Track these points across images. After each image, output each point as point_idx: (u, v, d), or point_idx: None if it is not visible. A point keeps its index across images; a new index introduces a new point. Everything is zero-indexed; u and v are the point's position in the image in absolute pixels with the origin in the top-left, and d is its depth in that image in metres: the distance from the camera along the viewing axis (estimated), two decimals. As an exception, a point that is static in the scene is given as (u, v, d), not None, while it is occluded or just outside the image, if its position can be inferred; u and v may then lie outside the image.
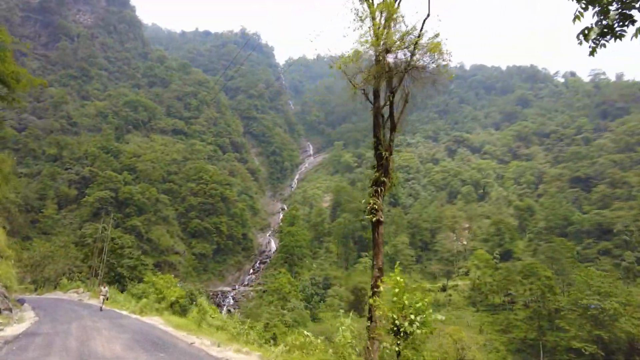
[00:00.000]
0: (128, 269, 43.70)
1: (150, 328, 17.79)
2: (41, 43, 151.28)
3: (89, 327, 16.52)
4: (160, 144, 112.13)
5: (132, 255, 47.91)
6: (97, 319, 19.14)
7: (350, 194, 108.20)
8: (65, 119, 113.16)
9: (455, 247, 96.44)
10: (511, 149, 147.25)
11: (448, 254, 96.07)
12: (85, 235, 50.03)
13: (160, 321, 20.03)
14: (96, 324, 17.44)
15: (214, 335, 15.47)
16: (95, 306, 22.76)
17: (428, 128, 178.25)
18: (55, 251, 31.09)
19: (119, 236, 49.79)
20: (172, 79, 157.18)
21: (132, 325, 18.18)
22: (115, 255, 43.39)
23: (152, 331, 16.79)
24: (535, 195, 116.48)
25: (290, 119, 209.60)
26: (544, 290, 59.84)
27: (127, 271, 43.42)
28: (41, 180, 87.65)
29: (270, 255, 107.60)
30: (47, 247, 32.13)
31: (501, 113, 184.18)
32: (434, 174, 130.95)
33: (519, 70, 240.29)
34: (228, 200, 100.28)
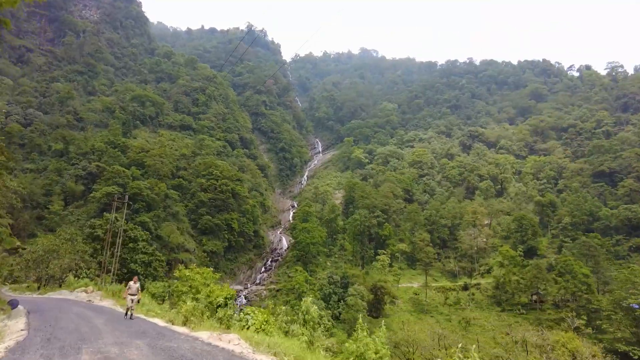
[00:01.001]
0: (142, 265, 40.36)
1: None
2: (47, 39, 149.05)
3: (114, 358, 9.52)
4: (169, 139, 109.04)
5: (146, 249, 44.59)
6: (125, 337, 12.04)
7: (364, 190, 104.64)
8: (71, 114, 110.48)
9: (475, 244, 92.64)
10: (528, 143, 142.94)
11: (469, 252, 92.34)
12: (95, 227, 45.64)
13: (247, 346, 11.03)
14: (126, 351, 10.11)
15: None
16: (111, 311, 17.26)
17: (440, 123, 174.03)
18: (60, 245, 27.55)
19: (132, 228, 46.19)
20: (179, 75, 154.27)
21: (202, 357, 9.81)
22: (127, 250, 40.14)
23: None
24: (555, 191, 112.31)
25: (299, 115, 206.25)
26: (580, 288, 55.99)
27: (141, 267, 40.09)
28: (47, 175, 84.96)
29: (282, 253, 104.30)
30: (51, 240, 28.78)
31: (515, 108, 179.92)
32: (449, 170, 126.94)
33: (531, 65, 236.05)
34: (239, 197, 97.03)
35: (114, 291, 20.01)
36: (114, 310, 17.03)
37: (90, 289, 20.94)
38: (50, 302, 18.93)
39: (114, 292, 19.80)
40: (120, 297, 17.88)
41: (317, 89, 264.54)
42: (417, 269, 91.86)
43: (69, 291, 22.39)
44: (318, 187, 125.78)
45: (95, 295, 20.57)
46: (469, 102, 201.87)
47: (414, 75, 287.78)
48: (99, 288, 21.80)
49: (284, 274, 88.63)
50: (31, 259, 26.75)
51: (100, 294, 20.25)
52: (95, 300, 19.38)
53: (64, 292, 22.30)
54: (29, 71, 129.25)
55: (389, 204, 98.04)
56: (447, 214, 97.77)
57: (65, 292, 22.04)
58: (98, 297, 19.55)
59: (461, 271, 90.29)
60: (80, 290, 21.84)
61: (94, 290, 21.07)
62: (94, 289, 21.49)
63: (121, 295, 17.66)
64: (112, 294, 19.79)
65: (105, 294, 20.17)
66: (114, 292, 20.06)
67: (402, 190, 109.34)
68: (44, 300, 19.50)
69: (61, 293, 22.91)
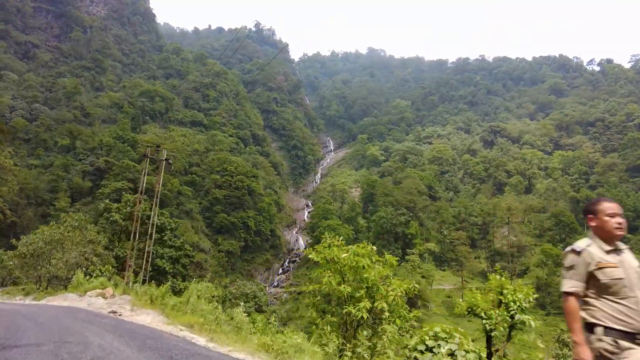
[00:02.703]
0: (169, 261, 34.74)
1: None
2: (53, 35, 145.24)
3: None
4: (180, 135, 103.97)
5: (174, 242, 38.89)
6: None
7: (386, 187, 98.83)
8: (78, 109, 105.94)
9: (508, 242, 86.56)
10: (552, 138, 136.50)
11: (503, 251, 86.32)
12: (111, 210, 37.05)
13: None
14: None
15: None
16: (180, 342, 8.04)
17: (458, 119, 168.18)
18: (65, 234, 21.53)
19: (159, 213, 40.30)
20: (188, 70, 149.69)
21: None
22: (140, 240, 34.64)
23: None
24: (587, 187, 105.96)
25: (310, 113, 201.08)
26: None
27: (169, 264, 34.46)
28: (53, 171, 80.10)
29: (300, 253, 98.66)
30: (55, 229, 22.13)
31: (534, 103, 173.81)
32: (473, 165, 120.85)
33: (547, 60, 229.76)
34: (255, 194, 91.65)
35: (154, 296, 12.74)
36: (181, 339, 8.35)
37: (110, 292, 14.76)
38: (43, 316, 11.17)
39: (153, 298, 12.69)
40: (169, 306, 11.31)
41: (327, 87, 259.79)
42: (447, 270, 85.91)
43: (78, 295, 16.35)
44: (335, 185, 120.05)
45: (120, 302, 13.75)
46: (485, 98, 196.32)
47: (424, 73, 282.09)
48: (124, 290, 15.56)
49: (303, 275, 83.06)
50: (28, 253, 20.70)
51: (128, 301, 13.47)
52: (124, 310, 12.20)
53: (70, 297, 16.53)
54: (34, 67, 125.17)
55: (414, 201, 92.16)
56: (478, 211, 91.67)
57: (72, 297, 16.43)
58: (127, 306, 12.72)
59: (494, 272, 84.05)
60: (94, 294, 15.59)
61: (115, 293, 15.11)
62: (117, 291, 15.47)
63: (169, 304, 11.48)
64: (151, 300, 12.69)
65: (138, 300, 13.21)
66: (153, 297, 12.73)
67: (425, 187, 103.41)
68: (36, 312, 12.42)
69: (66, 297, 16.76)
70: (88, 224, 24.99)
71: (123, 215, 36.65)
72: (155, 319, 10.88)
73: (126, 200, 38.61)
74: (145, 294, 12.98)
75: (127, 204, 37.75)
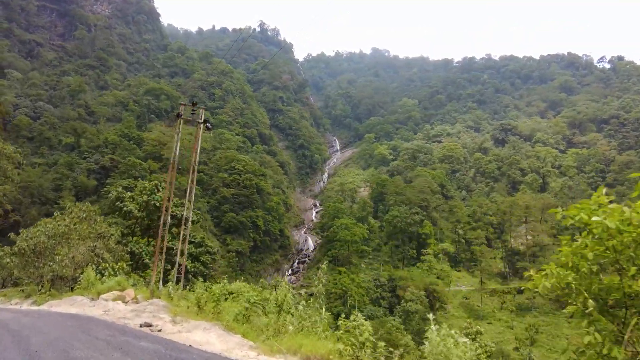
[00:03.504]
0: (189, 259, 32.16)
1: None
2: (57, 33, 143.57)
3: None
4: (187, 133, 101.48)
5: (194, 237, 36.29)
6: None
7: (398, 185, 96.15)
8: (82, 107, 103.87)
9: (526, 242, 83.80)
10: (565, 136, 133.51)
11: (518, 250, 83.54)
12: (124, 199, 32.40)
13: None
14: None
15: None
16: None
17: (467, 118, 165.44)
18: (71, 227, 18.68)
19: (177, 203, 34.27)
20: (194, 69, 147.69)
21: None
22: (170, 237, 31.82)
23: None
24: (604, 185, 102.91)
25: (316, 112, 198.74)
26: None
27: (189, 261, 31.88)
28: (57, 170, 77.97)
29: (309, 254, 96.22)
30: (59, 220, 19.29)
31: (544, 101, 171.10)
32: (485, 164, 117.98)
33: (556, 58, 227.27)
34: (263, 193, 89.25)
35: (202, 300, 9.50)
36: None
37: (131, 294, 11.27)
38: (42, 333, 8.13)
39: (202, 304, 9.50)
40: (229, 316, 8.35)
41: (332, 87, 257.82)
42: (462, 271, 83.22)
43: (90, 298, 13.17)
44: (344, 184, 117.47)
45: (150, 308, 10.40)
46: (494, 96, 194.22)
47: (430, 72, 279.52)
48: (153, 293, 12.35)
49: (314, 276, 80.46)
50: (28, 248, 17.76)
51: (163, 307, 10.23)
52: (162, 322, 9.09)
53: (79, 301, 13.12)
54: (39, 65, 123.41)
55: (427, 200, 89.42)
56: (495, 209, 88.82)
57: (81, 301, 13.02)
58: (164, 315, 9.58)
59: (511, 272, 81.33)
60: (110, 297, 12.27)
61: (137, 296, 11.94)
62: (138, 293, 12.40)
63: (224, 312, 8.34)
64: (199, 306, 9.52)
65: (176, 306, 10.01)
66: (201, 302, 9.51)
67: (438, 185, 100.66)
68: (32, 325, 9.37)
69: (74, 301, 13.29)
70: (97, 215, 22.00)
71: (138, 205, 32.72)
72: (224, 338, 7.58)
73: (142, 188, 34.66)
74: (184, 297, 10.11)
75: (144, 192, 33.88)
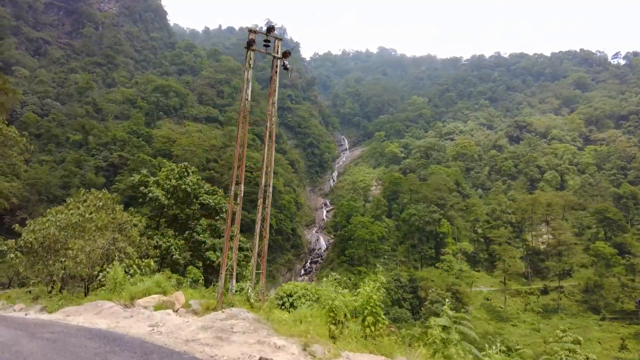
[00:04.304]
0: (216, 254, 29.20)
1: None
2: (65, 31, 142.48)
3: None
4: (196, 130, 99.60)
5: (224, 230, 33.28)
6: None
7: (413, 183, 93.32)
8: (90, 105, 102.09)
9: (548, 241, 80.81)
10: (582, 133, 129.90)
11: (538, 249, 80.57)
12: (148, 183, 28.52)
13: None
14: None
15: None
16: None
17: (479, 115, 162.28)
18: (87, 217, 15.80)
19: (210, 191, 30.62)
20: (202, 66, 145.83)
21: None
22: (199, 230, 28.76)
23: None
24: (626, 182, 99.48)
25: (324, 111, 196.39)
26: None
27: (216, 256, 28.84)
28: (65, 167, 76.15)
29: (321, 254, 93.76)
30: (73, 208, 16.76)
31: (558, 98, 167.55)
32: (500, 161, 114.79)
33: (569, 55, 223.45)
34: (275, 190, 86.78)
35: (339, 314, 6.79)
36: None
37: (181, 300, 9.21)
38: None
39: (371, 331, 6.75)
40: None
41: (339, 86, 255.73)
42: (481, 271, 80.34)
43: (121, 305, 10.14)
44: (356, 182, 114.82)
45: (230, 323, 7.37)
46: (505, 94, 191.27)
47: (438, 71, 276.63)
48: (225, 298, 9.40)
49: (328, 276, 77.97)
50: (36, 242, 15.07)
51: (258, 323, 7.30)
52: (284, 355, 5.86)
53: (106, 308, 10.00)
54: (46, 63, 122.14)
55: (444, 198, 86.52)
56: (514, 207, 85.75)
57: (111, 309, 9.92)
58: (280, 341, 6.35)
59: (532, 272, 78.32)
60: (151, 304, 9.54)
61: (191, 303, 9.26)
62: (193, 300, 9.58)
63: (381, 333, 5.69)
64: (333, 322, 6.65)
65: (282, 324, 7.13)
66: (339, 316, 6.76)
67: (454, 183, 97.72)
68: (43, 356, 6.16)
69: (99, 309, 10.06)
70: (115, 203, 19.29)
71: (166, 192, 28.57)
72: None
73: (169, 171, 30.30)
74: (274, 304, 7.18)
75: (171, 175, 29.53)
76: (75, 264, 13.03)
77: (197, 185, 29.33)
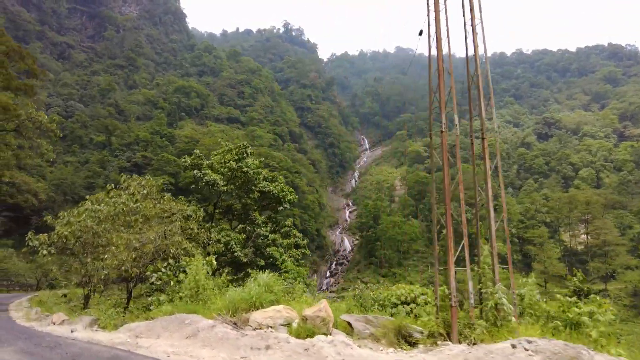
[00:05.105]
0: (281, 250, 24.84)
1: None
2: (87, 35, 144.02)
3: None
4: (219, 130, 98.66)
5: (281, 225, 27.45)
6: None
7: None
8: (112, 106, 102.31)
9: (585, 241, 76.70)
10: (616, 129, 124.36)
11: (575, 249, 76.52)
12: (201, 166, 25.06)
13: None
14: None
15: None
16: None
17: (504, 112, 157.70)
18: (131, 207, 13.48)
19: (269, 177, 26.82)
20: (222, 67, 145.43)
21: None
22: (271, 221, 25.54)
23: None
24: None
25: (343, 110, 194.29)
26: None
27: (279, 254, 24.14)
28: (89, 168, 75.82)
29: (347, 255, 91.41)
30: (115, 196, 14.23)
31: (587, 94, 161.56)
32: (530, 159, 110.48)
33: (596, 50, 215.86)
34: (299, 190, 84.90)
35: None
36: None
37: (328, 315, 6.63)
38: None
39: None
40: None
41: (358, 86, 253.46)
42: (515, 273, 76.53)
43: (230, 325, 6.94)
44: (380, 182, 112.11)
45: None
46: (529, 91, 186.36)
47: (458, 69, 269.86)
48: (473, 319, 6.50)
49: (355, 279, 75.61)
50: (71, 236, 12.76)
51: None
52: None
53: (204, 329, 6.78)
54: (70, 67, 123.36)
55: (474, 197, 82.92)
56: (551, 205, 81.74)
57: (210, 329, 6.66)
58: None
59: (571, 274, 74.21)
60: (279, 322, 6.65)
61: (350, 321, 6.89)
62: (347, 315, 7.13)
63: None
64: None
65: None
66: None
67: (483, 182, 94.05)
68: None
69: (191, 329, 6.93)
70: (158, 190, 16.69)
71: (226, 176, 24.95)
72: None
73: (226, 151, 26.77)
74: None
75: (228, 156, 26.17)
76: (120, 262, 10.84)
77: (258, 170, 25.88)
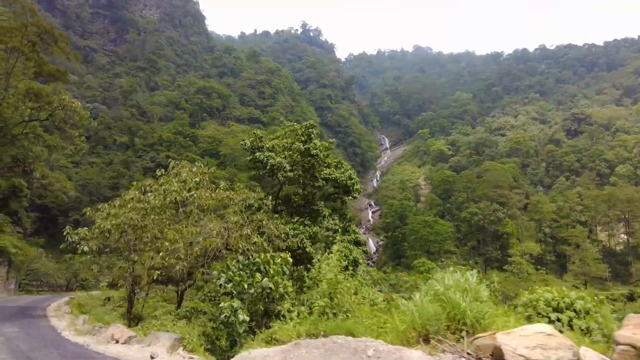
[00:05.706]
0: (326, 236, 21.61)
1: None
2: (110, 39, 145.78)
3: None
4: (241, 130, 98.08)
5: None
6: None
7: (471, 180, 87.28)
8: (135, 107, 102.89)
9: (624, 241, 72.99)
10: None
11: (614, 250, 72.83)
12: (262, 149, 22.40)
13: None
14: None
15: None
16: None
17: (530, 109, 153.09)
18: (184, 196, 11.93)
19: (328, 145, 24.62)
20: (242, 68, 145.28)
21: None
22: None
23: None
24: None
25: (363, 110, 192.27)
26: None
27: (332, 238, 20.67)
28: (114, 168, 75.94)
29: (372, 256, 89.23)
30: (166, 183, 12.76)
31: (618, 89, 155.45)
32: (560, 156, 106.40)
33: (626, 43, 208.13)
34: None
35: None
36: None
37: None
38: None
39: None
40: None
41: (377, 85, 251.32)
42: (549, 274, 73.36)
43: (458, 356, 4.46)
44: (404, 181, 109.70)
45: None
46: (555, 87, 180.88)
47: (478, 67, 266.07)
48: None
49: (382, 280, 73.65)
50: (115, 230, 11.14)
51: None
52: None
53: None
54: (93, 70, 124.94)
55: (505, 196, 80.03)
56: (587, 203, 78.11)
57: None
58: None
59: (610, 275, 70.62)
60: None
61: None
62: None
63: None
64: None
65: None
66: None
67: (513, 180, 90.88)
68: None
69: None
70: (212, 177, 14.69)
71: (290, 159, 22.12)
72: None
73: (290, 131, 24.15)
74: None
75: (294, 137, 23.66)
76: (175, 261, 9.16)
77: (327, 153, 23.24)
